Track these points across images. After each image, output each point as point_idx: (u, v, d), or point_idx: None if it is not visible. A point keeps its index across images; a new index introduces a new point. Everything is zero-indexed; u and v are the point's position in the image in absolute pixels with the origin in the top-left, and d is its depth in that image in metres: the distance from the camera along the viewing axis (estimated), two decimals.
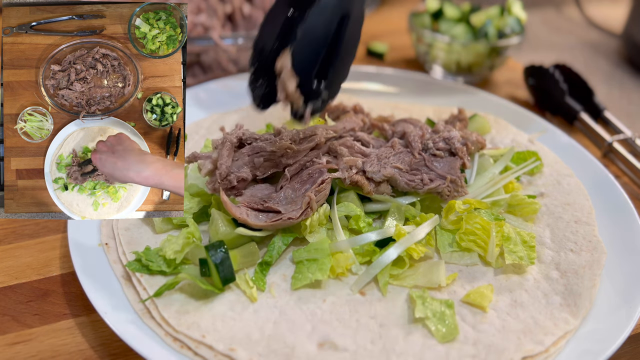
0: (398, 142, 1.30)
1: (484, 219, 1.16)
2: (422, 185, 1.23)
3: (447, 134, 1.32)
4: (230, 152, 1.22)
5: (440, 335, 1.00)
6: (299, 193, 1.18)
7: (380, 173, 1.22)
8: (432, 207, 1.26)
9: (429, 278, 1.10)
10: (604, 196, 1.35)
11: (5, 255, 1.25)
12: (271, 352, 0.97)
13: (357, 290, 1.09)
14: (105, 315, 1.02)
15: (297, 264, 1.12)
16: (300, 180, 1.21)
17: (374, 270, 1.10)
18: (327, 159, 1.25)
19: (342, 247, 1.13)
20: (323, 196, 1.18)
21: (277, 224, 1.13)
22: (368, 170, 1.22)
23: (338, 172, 1.22)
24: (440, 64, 1.99)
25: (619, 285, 1.14)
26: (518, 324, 1.04)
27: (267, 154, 1.23)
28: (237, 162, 1.22)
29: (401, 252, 1.11)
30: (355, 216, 1.19)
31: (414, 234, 1.13)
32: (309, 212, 1.14)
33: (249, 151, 1.24)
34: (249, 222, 1.11)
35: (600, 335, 1.04)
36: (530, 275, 1.14)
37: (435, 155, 1.29)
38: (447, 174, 1.25)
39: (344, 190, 1.24)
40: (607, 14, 2.69)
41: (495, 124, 1.58)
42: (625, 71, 2.26)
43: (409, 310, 1.06)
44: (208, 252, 1.05)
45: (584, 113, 1.74)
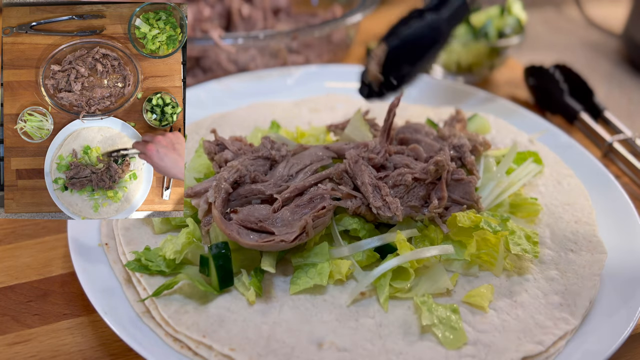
0: (411, 179, 1.20)
1: (492, 234, 1.13)
2: (440, 216, 1.19)
3: (457, 142, 1.31)
4: (225, 202, 1.15)
5: (448, 342, 0.99)
6: (296, 216, 1.12)
7: (395, 217, 1.14)
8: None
9: (434, 283, 1.08)
10: (604, 196, 1.34)
11: (5, 255, 1.25)
12: (271, 352, 0.97)
13: (350, 301, 1.07)
14: (105, 315, 1.02)
15: (296, 269, 1.11)
16: (300, 203, 1.14)
17: (369, 279, 1.07)
18: (332, 185, 1.18)
19: (342, 253, 1.11)
20: (322, 223, 1.11)
21: (269, 245, 1.07)
22: (381, 214, 1.14)
23: (341, 200, 1.16)
24: (440, 64, 1.99)
25: (619, 285, 1.14)
26: (518, 324, 1.04)
27: (265, 197, 1.18)
28: (233, 203, 1.17)
29: (402, 262, 1.07)
30: (353, 229, 1.16)
31: (419, 252, 1.09)
32: (303, 238, 1.08)
33: (247, 192, 1.18)
34: (239, 241, 1.06)
35: (600, 335, 1.04)
36: (530, 275, 1.14)
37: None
38: (462, 199, 1.21)
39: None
40: (607, 14, 2.69)
41: (495, 124, 1.58)
42: (625, 71, 2.26)
43: (408, 310, 1.06)
44: (210, 252, 1.05)
45: (584, 113, 1.74)
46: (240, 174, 1.18)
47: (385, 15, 2.52)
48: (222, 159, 1.25)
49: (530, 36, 2.43)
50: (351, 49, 2.18)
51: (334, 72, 1.80)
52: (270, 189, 1.17)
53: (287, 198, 1.15)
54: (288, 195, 1.15)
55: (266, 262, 1.09)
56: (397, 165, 1.25)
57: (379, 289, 1.08)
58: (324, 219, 1.11)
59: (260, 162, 1.25)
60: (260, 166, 1.24)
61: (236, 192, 1.18)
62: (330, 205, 1.12)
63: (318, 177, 1.19)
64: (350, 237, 1.17)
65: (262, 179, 1.19)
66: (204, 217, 1.16)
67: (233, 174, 1.18)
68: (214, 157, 1.27)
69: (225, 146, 1.28)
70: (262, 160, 1.25)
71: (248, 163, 1.22)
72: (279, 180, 1.20)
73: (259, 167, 1.23)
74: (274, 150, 1.26)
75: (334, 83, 1.78)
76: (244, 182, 1.18)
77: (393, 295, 1.08)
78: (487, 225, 1.16)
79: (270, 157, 1.25)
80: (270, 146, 1.27)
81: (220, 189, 1.14)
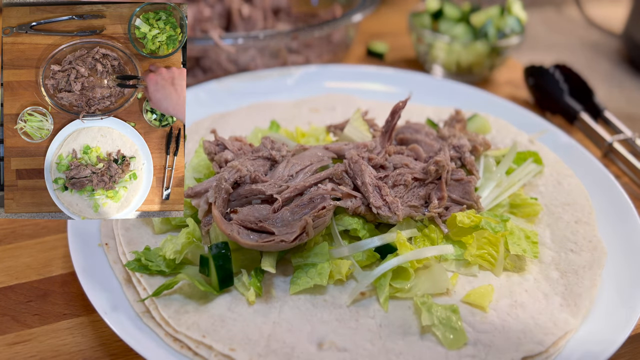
0: (411, 179, 1.21)
1: (492, 234, 1.14)
2: (439, 216, 1.20)
3: (457, 142, 1.31)
4: (225, 202, 1.15)
5: (448, 342, 0.99)
6: (296, 216, 1.12)
7: (395, 217, 1.15)
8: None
9: (434, 283, 1.08)
10: (604, 196, 1.34)
11: (5, 255, 1.25)
12: (271, 352, 0.97)
13: (350, 301, 1.07)
14: (105, 315, 1.02)
15: (296, 269, 1.11)
16: (300, 203, 1.14)
17: (369, 279, 1.07)
18: (333, 186, 1.17)
19: (342, 253, 1.11)
20: (322, 223, 1.11)
21: (269, 246, 1.07)
22: (381, 214, 1.15)
23: (341, 200, 1.16)
24: (440, 64, 1.99)
25: (619, 285, 1.14)
26: (518, 324, 1.04)
27: (265, 197, 1.17)
28: (233, 203, 1.17)
29: (402, 262, 1.07)
30: (353, 229, 1.16)
31: (419, 252, 1.10)
32: (304, 238, 1.08)
33: (247, 193, 1.17)
34: (239, 241, 1.06)
35: (600, 335, 1.04)
36: (530, 275, 1.14)
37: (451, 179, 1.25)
38: (462, 199, 1.22)
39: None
40: (607, 14, 2.69)
41: (495, 124, 1.58)
42: (625, 71, 2.26)
43: (408, 310, 1.06)
44: (210, 252, 1.05)
45: (584, 113, 1.74)
46: (241, 174, 1.18)
47: (385, 15, 2.53)
48: (222, 159, 1.25)
49: (530, 36, 2.43)
50: (351, 49, 2.18)
51: (334, 72, 1.81)
52: (271, 189, 1.17)
53: (287, 198, 1.15)
54: (288, 196, 1.15)
55: (266, 262, 1.09)
56: (397, 165, 1.25)
57: (379, 289, 1.08)
58: (324, 219, 1.11)
59: (261, 162, 1.24)
60: (260, 166, 1.24)
61: (236, 192, 1.17)
62: (330, 205, 1.12)
63: (318, 177, 1.19)
64: (350, 237, 1.17)
65: (262, 179, 1.19)
66: (204, 217, 1.16)
67: (233, 174, 1.18)
68: (214, 157, 1.27)
69: (225, 146, 1.28)
70: (262, 161, 1.25)
71: (248, 163, 1.22)
72: (279, 180, 1.20)
73: (259, 167, 1.23)
74: (274, 150, 1.26)
75: (334, 83, 1.78)
76: (244, 182, 1.18)
77: (393, 295, 1.08)
78: (487, 225, 1.16)
79: (271, 157, 1.25)
80: (270, 146, 1.27)
81: (220, 189, 1.14)
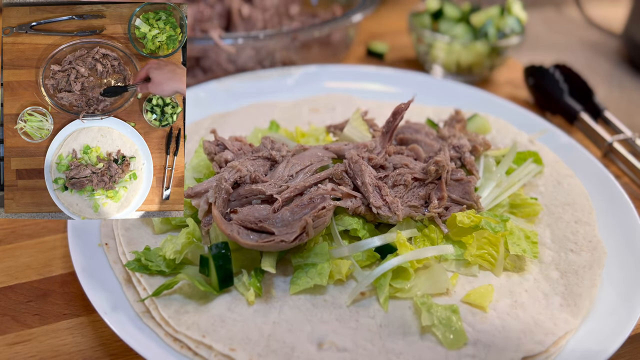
0: (411, 179, 1.21)
1: (492, 234, 1.14)
2: (439, 216, 1.20)
3: (457, 142, 1.31)
4: (225, 202, 1.15)
5: (448, 342, 0.99)
6: (296, 216, 1.11)
7: (395, 217, 1.15)
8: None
9: (434, 283, 1.08)
10: (604, 196, 1.34)
11: (5, 255, 1.25)
12: (271, 352, 0.97)
13: (350, 301, 1.07)
14: (105, 315, 1.02)
15: (296, 269, 1.10)
16: (300, 203, 1.13)
17: (369, 279, 1.07)
18: (333, 186, 1.17)
19: (342, 253, 1.11)
20: (322, 223, 1.10)
21: (269, 246, 1.07)
22: (381, 214, 1.15)
23: (341, 200, 1.16)
24: (440, 64, 1.99)
25: (619, 285, 1.14)
26: (518, 324, 1.04)
27: (265, 197, 1.16)
28: (233, 203, 1.17)
29: (402, 262, 1.07)
30: (353, 229, 1.16)
31: (419, 252, 1.10)
32: (304, 238, 1.07)
33: (247, 193, 1.16)
34: (239, 240, 1.06)
35: (600, 335, 1.04)
36: (530, 275, 1.14)
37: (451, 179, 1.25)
38: (462, 199, 1.22)
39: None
40: (607, 14, 2.69)
41: (495, 124, 1.58)
42: (625, 71, 2.26)
43: (408, 310, 1.06)
44: (210, 252, 1.05)
45: (584, 113, 1.74)
46: (241, 174, 1.18)
47: (385, 15, 2.53)
48: (222, 159, 1.25)
49: (530, 36, 2.43)
50: (351, 49, 2.18)
51: (333, 72, 1.81)
52: (271, 189, 1.17)
53: (287, 198, 1.15)
54: (288, 196, 1.15)
55: (266, 262, 1.09)
56: (397, 165, 1.25)
57: (379, 289, 1.07)
58: (324, 219, 1.11)
59: (261, 162, 1.24)
60: (260, 166, 1.24)
61: (236, 192, 1.17)
62: (330, 205, 1.12)
63: (318, 178, 1.19)
64: (350, 237, 1.17)
65: (262, 179, 1.19)
66: (204, 217, 1.16)
67: (233, 174, 1.17)
68: (214, 157, 1.27)
69: (225, 146, 1.28)
70: (262, 161, 1.25)
71: (248, 163, 1.22)
72: (279, 180, 1.20)
73: (259, 167, 1.23)
74: (274, 150, 1.26)
75: (334, 83, 1.78)
76: (244, 182, 1.18)
77: (393, 295, 1.08)
78: (487, 225, 1.16)
79: (271, 157, 1.25)
80: (270, 146, 1.27)
81: (220, 189, 1.14)
